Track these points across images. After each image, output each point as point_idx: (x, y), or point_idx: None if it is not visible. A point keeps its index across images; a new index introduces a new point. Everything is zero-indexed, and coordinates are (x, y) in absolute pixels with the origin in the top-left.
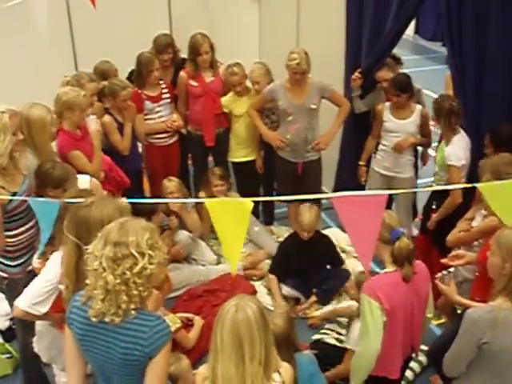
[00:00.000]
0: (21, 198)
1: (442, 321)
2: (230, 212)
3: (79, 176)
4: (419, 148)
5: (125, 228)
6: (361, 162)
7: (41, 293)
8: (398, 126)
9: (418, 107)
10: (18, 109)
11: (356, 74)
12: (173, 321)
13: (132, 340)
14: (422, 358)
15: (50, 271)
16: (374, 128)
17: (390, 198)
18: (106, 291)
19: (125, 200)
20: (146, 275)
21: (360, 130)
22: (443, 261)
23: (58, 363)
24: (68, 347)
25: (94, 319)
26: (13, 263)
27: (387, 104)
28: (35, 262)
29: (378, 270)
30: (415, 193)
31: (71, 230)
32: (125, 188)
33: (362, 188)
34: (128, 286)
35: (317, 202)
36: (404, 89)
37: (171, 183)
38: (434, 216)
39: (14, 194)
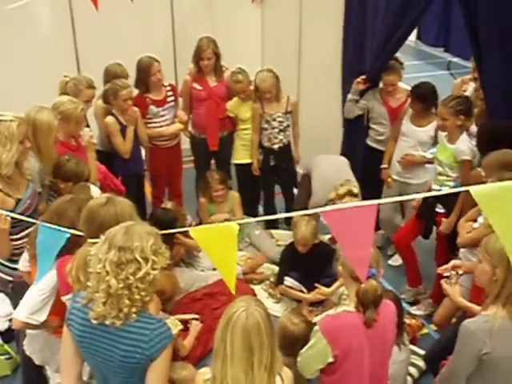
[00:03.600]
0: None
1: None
2: (217, 237)
3: (92, 186)
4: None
5: (130, 233)
6: (383, 166)
7: (36, 302)
8: (411, 132)
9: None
10: (24, 114)
11: (361, 78)
12: (173, 324)
13: (133, 343)
14: (420, 362)
15: (43, 280)
16: (394, 131)
17: (402, 205)
18: (108, 295)
19: None
20: (149, 280)
21: (357, 133)
22: (440, 270)
23: (52, 365)
24: (64, 347)
25: (94, 321)
26: (18, 266)
27: (410, 109)
28: (23, 266)
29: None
30: None
31: (85, 227)
32: (120, 196)
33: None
34: (130, 290)
35: None
36: (422, 98)
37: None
38: (450, 219)
39: (19, 201)
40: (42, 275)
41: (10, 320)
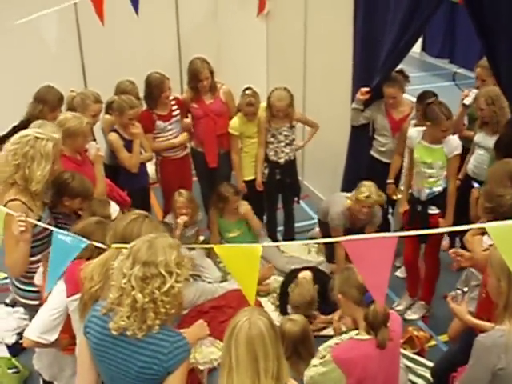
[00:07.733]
0: (44, 225)
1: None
2: (241, 257)
3: (112, 204)
4: None
5: (153, 247)
6: (389, 180)
7: (48, 322)
8: None
9: None
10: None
11: (365, 89)
12: None
13: (151, 354)
14: (428, 374)
15: (55, 299)
16: (399, 145)
17: None
18: (133, 309)
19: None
20: (174, 293)
21: (361, 142)
22: (451, 251)
23: (60, 380)
24: (81, 356)
25: (114, 332)
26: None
27: (412, 121)
28: (37, 279)
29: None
30: None
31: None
32: (126, 207)
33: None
34: (156, 304)
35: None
36: None
37: (180, 198)
38: (447, 220)
39: (40, 219)
40: (52, 284)
41: (18, 334)
